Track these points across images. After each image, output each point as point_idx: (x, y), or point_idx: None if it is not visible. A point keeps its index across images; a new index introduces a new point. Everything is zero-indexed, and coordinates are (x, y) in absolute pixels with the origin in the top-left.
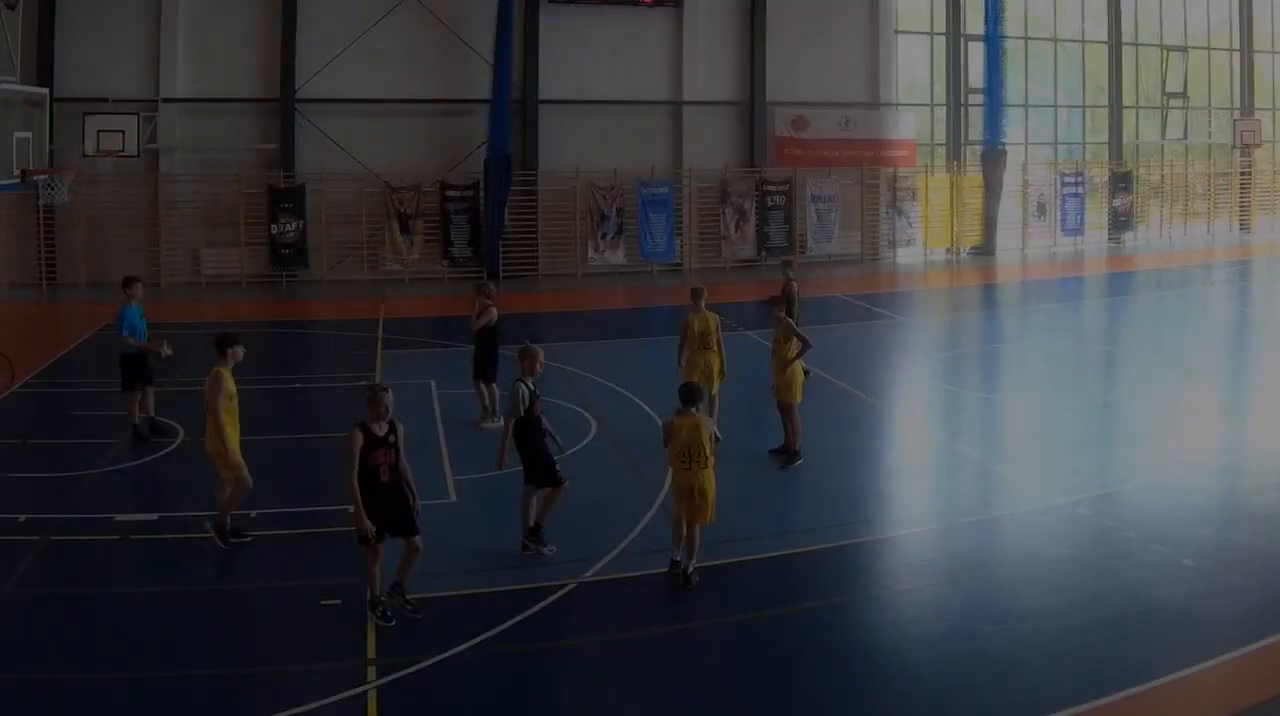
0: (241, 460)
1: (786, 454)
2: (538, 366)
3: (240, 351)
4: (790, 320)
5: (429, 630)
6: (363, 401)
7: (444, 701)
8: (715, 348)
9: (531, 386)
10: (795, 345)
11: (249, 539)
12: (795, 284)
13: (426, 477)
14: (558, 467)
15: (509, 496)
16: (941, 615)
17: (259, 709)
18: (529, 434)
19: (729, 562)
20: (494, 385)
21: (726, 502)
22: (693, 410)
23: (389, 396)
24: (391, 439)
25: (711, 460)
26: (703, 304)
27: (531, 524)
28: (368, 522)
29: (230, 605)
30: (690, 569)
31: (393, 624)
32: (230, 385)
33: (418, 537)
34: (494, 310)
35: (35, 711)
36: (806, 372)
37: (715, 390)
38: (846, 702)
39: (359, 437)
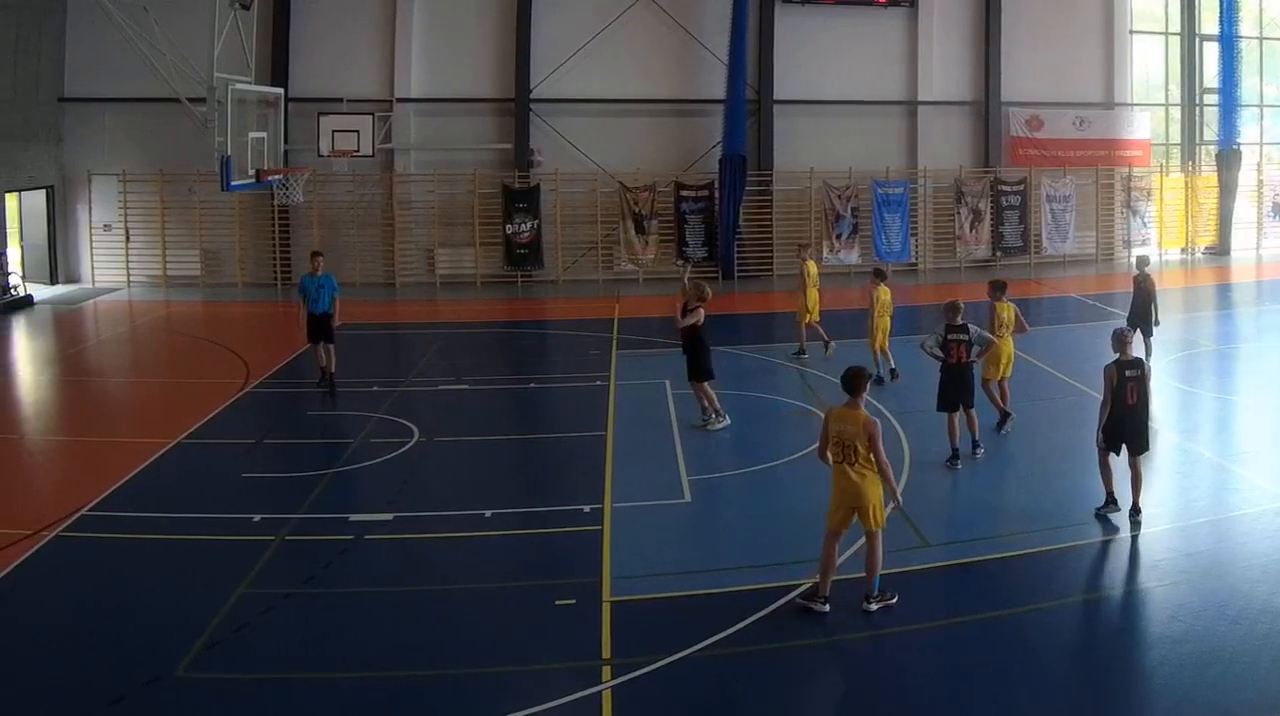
0: None
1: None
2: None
3: None
4: (1006, 306)
5: (664, 630)
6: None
7: (678, 702)
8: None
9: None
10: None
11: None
12: (1151, 278)
13: (661, 478)
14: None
15: (743, 496)
16: (1176, 614)
17: (494, 709)
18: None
19: (966, 562)
20: (707, 384)
21: (963, 503)
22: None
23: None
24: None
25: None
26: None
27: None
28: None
29: (465, 606)
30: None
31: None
32: None
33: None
34: (702, 312)
35: (271, 710)
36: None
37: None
38: (1082, 701)
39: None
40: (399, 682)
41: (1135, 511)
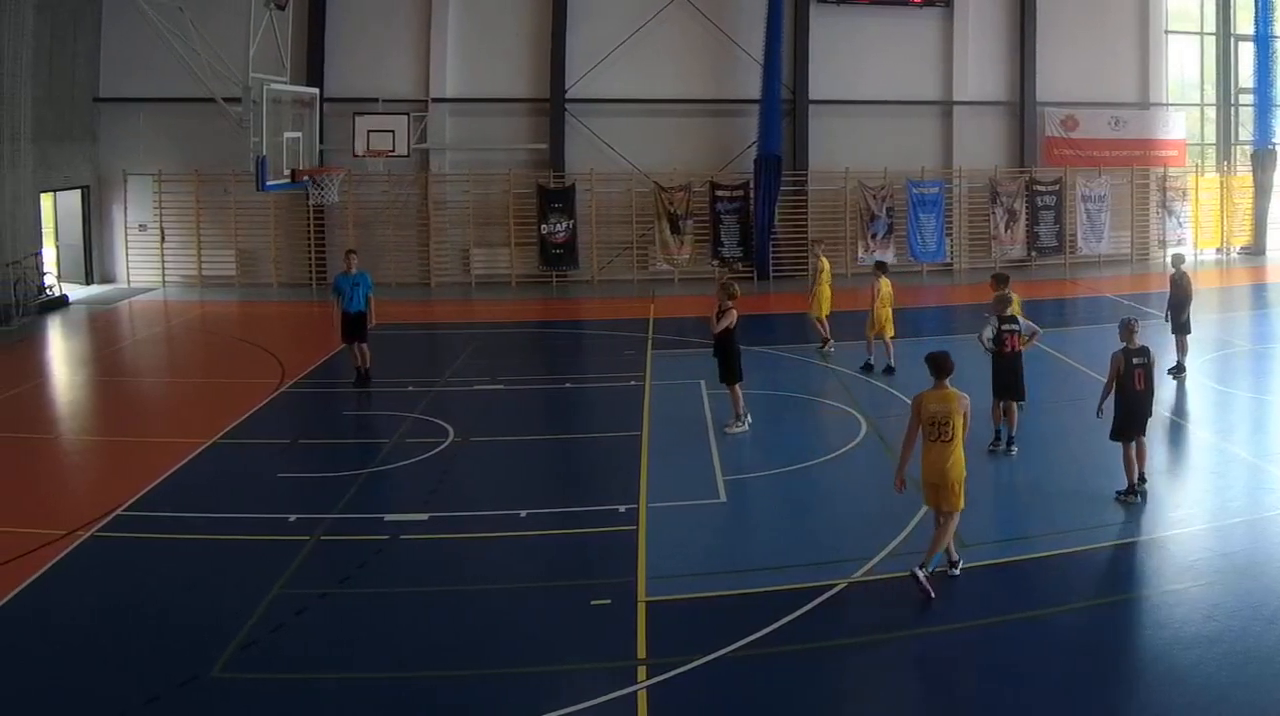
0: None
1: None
2: None
3: None
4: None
5: (699, 630)
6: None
7: (713, 702)
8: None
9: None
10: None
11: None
12: (1187, 276)
13: (696, 478)
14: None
15: (778, 496)
16: (1212, 615)
17: (529, 709)
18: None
19: (998, 563)
20: (738, 387)
21: (998, 503)
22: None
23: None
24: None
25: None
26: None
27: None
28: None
29: (500, 606)
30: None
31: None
32: None
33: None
34: (735, 312)
35: (306, 710)
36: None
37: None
38: (1118, 702)
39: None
40: (434, 682)
41: (1141, 480)
